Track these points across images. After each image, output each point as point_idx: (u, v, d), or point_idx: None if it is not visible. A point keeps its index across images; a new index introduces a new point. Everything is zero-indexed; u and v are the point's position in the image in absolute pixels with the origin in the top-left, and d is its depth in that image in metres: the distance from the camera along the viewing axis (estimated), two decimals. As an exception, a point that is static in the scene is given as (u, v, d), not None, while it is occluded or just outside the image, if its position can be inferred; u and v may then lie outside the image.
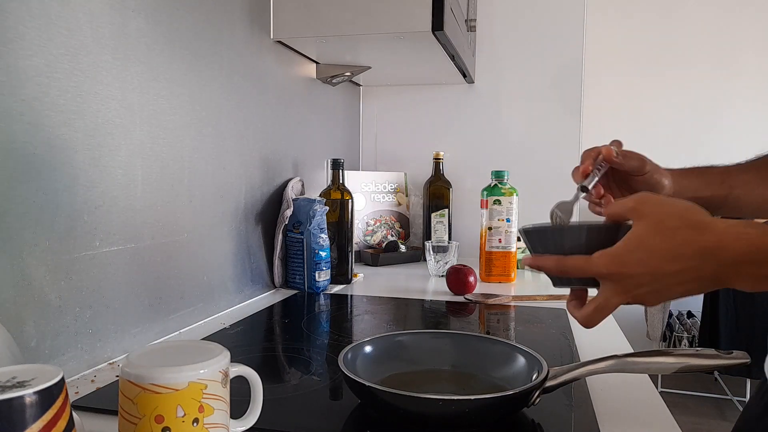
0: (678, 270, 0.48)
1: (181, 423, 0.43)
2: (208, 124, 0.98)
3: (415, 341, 0.72)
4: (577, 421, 0.58)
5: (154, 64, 0.83)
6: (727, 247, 0.47)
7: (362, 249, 1.59)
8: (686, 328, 2.63)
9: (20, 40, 0.62)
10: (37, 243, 0.65)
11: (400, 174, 1.73)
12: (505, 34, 1.72)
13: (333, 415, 0.60)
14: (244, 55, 1.09)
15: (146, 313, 0.83)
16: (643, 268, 0.49)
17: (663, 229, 0.49)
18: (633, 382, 0.67)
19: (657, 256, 0.48)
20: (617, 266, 0.50)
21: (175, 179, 0.89)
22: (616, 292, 0.51)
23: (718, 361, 0.56)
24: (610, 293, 0.51)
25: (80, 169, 0.71)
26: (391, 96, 1.82)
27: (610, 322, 1.00)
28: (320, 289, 1.20)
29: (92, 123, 0.72)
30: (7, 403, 0.35)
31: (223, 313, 1.03)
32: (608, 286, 0.51)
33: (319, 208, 1.19)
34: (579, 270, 0.52)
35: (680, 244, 0.48)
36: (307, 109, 1.40)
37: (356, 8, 1.16)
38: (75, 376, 0.70)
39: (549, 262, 0.54)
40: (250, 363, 0.51)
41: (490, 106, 1.75)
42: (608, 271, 0.50)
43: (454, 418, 0.53)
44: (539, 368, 0.59)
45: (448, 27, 1.15)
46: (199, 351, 0.47)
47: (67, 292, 0.69)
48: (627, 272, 0.49)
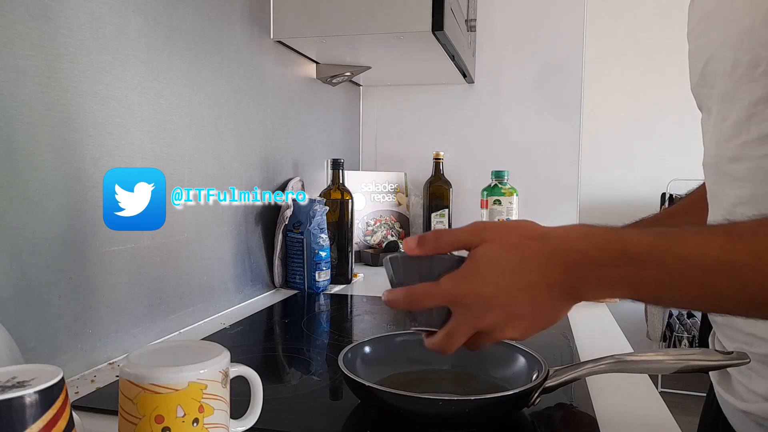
0: (527, 283, 0.46)
1: (181, 423, 0.43)
2: (208, 124, 0.98)
3: (415, 341, 0.71)
4: (577, 421, 0.58)
5: (154, 64, 0.83)
6: (571, 248, 0.46)
7: (362, 249, 1.59)
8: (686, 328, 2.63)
9: (20, 40, 0.62)
10: (37, 243, 0.65)
11: (400, 174, 1.73)
12: (505, 34, 1.72)
13: (333, 415, 0.60)
14: (244, 55, 1.09)
15: (146, 313, 0.83)
16: (492, 285, 0.47)
17: (507, 244, 0.48)
18: (633, 382, 0.67)
19: (505, 269, 0.47)
20: (466, 285, 0.47)
21: (175, 179, 0.88)
22: (465, 318, 0.48)
23: (718, 361, 0.56)
24: (460, 318, 0.48)
25: (80, 169, 0.70)
26: (391, 96, 1.82)
27: (610, 322, 1.00)
28: (320, 289, 1.20)
29: (92, 123, 0.72)
30: (7, 403, 0.35)
31: (223, 313, 1.03)
32: (458, 311, 0.49)
33: (319, 208, 1.19)
34: (426, 295, 0.49)
35: (526, 254, 0.47)
36: (307, 109, 1.40)
37: (356, 8, 1.16)
38: (75, 376, 0.70)
39: (398, 293, 0.51)
40: (250, 363, 0.51)
41: (490, 106, 1.75)
42: (457, 291, 0.47)
43: (454, 418, 0.53)
44: (539, 368, 0.59)
45: (448, 27, 1.15)
46: (199, 351, 0.47)
47: (67, 292, 0.69)
48: (475, 291, 0.47)
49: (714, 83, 0.56)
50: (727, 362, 0.55)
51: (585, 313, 1.03)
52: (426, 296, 0.49)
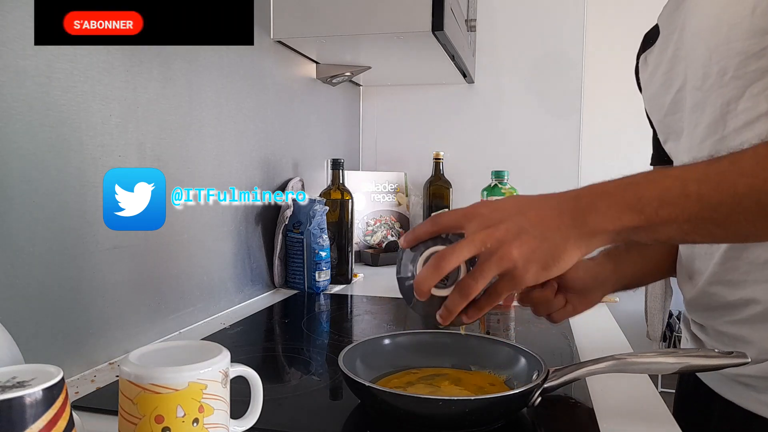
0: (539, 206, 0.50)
1: (181, 423, 0.43)
2: (208, 124, 0.98)
3: (415, 341, 0.72)
4: (577, 421, 0.58)
5: (154, 64, 0.83)
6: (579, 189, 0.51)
7: (362, 249, 1.59)
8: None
9: (20, 40, 0.62)
10: (37, 243, 0.65)
11: (400, 174, 1.73)
12: (505, 34, 1.72)
13: (333, 415, 0.60)
14: (244, 55, 1.09)
15: (146, 313, 0.83)
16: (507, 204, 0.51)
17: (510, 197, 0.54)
18: (633, 382, 0.67)
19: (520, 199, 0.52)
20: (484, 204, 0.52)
21: (175, 179, 0.88)
22: (476, 228, 0.50)
23: (718, 361, 0.56)
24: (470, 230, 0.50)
25: (80, 169, 0.70)
26: (391, 96, 1.82)
27: (610, 322, 0.99)
28: (320, 289, 1.20)
29: (92, 123, 0.72)
30: (7, 403, 0.35)
31: (223, 313, 1.03)
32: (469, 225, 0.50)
33: (319, 208, 1.19)
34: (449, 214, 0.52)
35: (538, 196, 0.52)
36: (307, 109, 1.40)
37: (356, 8, 1.16)
38: (75, 376, 0.70)
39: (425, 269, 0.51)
40: (250, 363, 0.51)
41: (490, 106, 1.75)
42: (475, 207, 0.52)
43: (454, 418, 0.53)
44: (539, 368, 0.59)
45: (448, 27, 1.15)
46: (199, 351, 0.47)
47: (67, 292, 0.69)
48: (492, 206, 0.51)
49: (683, 104, 0.63)
50: (726, 362, 0.56)
51: (585, 313, 1.03)
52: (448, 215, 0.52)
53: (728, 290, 0.59)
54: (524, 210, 0.50)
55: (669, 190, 0.47)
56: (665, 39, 0.67)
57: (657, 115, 0.71)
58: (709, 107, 0.58)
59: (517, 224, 0.49)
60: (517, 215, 0.49)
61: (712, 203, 0.46)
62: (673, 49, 0.65)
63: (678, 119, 0.65)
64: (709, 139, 0.58)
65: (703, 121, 0.59)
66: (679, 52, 0.64)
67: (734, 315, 0.59)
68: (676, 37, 0.64)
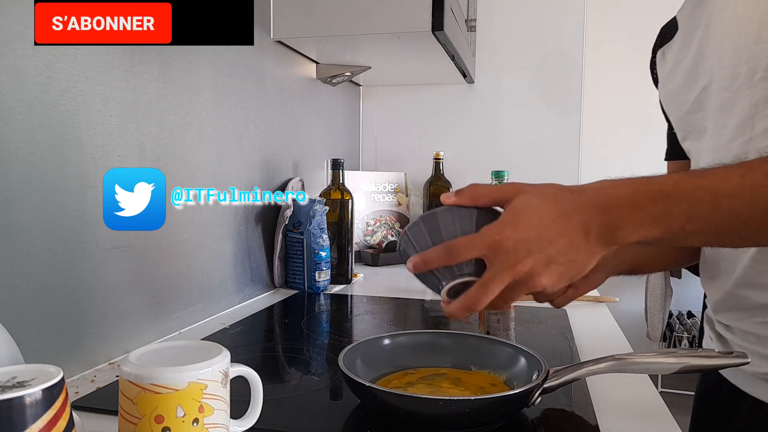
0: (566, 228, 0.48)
1: (181, 423, 0.43)
2: (208, 124, 0.98)
3: (415, 341, 0.72)
4: (577, 421, 0.58)
5: (154, 64, 0.83)
6: (606, 195, 0.48)
7: (362, 249, 1.59)
8: (686, 328, 2.63)
9: (20, 40, 0.62)
10: (37, 243, 0.65)
11: (400, 174, 1.73)
12: (505, 34, 1.72)
13: (333, 415, 0.60)
14: (244, 55, 1.09)
15: (146, 313, 0.83)
16: (533, 230, 0.47)
17: (545, 195, 0.49)
18: (633, 382, 0.67)
19: (544, 216, 0.48)
20: (509, 229, 0.48)
21: (175, 179, 0.88)
22: (504, 265, 0.48)
23: (718, 361, 0.56)
24: (498, 266, 0.48)
25: (80, 169, 0.70)
26: (391, 96, 1.82)
27: (610, 322, 0.99)
28: (320, 289, 1.20)
29: (92, 123, 0.72)
30: (7, 403, 0.35)
31: (223, 313, 1.03)
32: (498, 259, 0.48)
33: (319, 208, 1.19)
34: (468, 243, 0.49)
35: (563, 204, 0.49)
36: (307, 109, 1.40)
37: (356, 8, 1.16)
38: (75, 376, 0.70)
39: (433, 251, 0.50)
40: (250, 363, 0.51)
41: (490, 105, 1.75)
42: (500, 236, 0.48)
43: (454, 418, 0.53)
44: (539, 368, 0.59)
45: (448, 27, 1.15)
46: (199, 351, 0.47)
47: (67, 292, 0.69)
48: (517, 235, 0.47)
49: (709, 103, 0.62)
50: (727, 362, 0.56)
51: (585, 313, 1.03)
52: (468, 245, 0.49)
53: (758, 293, 0.58)
54: (549, 235, 0.47)
55: (700, 205, 0.46)
56: (687, 35, 0.65)
57: (676, 113, 0.69)
58: (738, 108, 0.57)
59: (546, 256, 0.47)
60: (546, 246, 0.47)
61: (743, 219, 0.46)
62: (697, 46, 0.63)
63: (701, 118, 0.64)
64: (737, 140, 0.57)
65: (731, 122, 0.58)
66: (704, 49, 0.62)
67: (764, 317, 0.59)
68: (700, 33, 0.62)
